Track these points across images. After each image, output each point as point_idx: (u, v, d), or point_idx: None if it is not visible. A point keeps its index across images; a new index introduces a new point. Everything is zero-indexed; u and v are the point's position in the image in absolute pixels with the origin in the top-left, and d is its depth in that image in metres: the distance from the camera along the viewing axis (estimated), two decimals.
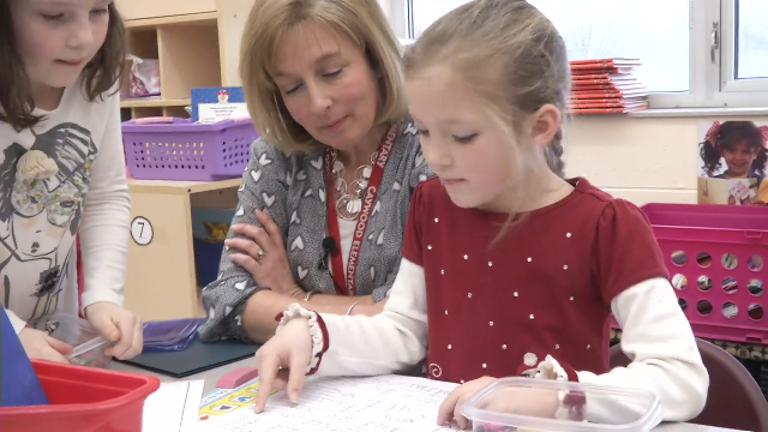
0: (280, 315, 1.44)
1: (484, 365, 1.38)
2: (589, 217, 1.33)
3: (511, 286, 1.37)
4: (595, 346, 1.37)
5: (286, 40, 1.58)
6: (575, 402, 1.11)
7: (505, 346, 1.37)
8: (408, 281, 1.51)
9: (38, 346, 1.49)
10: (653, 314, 1.27)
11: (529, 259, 1.35)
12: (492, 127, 1.28)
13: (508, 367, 1.32)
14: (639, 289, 1.29)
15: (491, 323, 1.38)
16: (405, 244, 1.53)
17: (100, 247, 1.80)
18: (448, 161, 1.32)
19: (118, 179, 1.88)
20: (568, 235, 1.34)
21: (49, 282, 1.77)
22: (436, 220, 1.47)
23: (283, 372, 1.37)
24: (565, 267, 1.34)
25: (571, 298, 1.34)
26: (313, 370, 1.41)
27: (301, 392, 1.39)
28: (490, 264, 1.39)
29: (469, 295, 1.41)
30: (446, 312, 1.44)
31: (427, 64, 1.29)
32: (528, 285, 1.36)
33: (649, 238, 1.32)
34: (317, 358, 1.40)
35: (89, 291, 1.73)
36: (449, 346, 1.44)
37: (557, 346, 1.34)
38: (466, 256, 1.42)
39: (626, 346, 1.30)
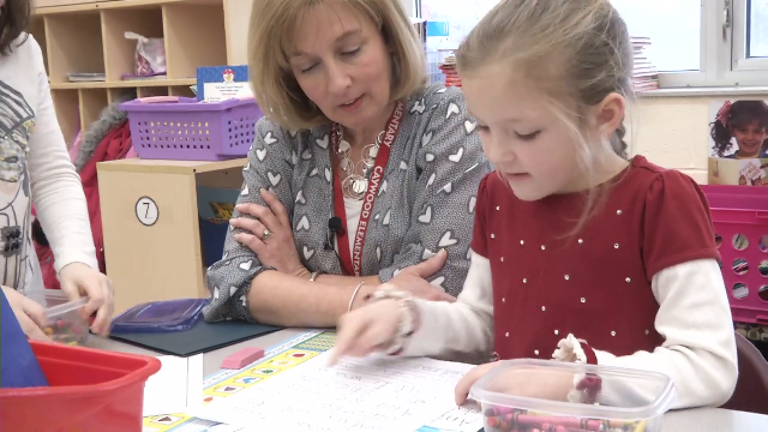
0: (369, 297, 1.44)
1: (537, 351, 1.34)
2: (639, 191, 1.28)
3: (563, 270, 1.32)
4: (654, 330, 1.28)
5: (307, 20, 1.55)
6: (590, 388, 1.09)
7: (556, 332, 1.32)
8: (475, 273, 1.50)
9: (18, 297, 1.56)
10: (692, 300, 1.22)
11: (581, 241, 1.30)
12: (556, 123, 1.23)
13: None
14: (681, 270, 1.23)
15: (543, 308, 1.35)
16: (473, 236, 1.52)
17: (62, 218, 1.89)
18: (511, 158, 1.27)
19: (61, 155, 1.98)
20: (618, 212, 1.29)
21: (12, 241, 1.83)
22: (498, 208, 1.44)
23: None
24: (616, 246, 1.28)
25: (628, 280, 1.28)
26: (398, 351, 1.40)
27: (305, 374, 1.38)
28: (543, 248, 1.35)
29: (524, 280, 1.38)
30: (503, 300, 1.42)
31: (485, 63, 1.23)
32: (579, 267, 1.31)
33: (699, 215, 1.26)
34: (404, 339, 1.39)
35: (60, 257, 1.79)
36: (507, 334, 1.41)
37: (613, 333, 1.29)
38: (522, 242, 1.38)
39: (659, 327, 1.26)
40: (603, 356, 1.17)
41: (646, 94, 3.32)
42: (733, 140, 3.16)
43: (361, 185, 1.74)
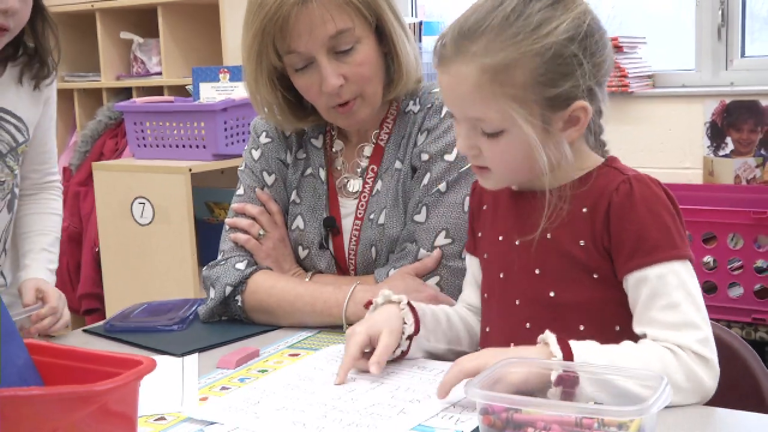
0: (369, 303, 1.45)
1: (511, 345, 1.33)
2: (605, 191, 1.29)
3: (534, 264, 1.34)
4: (625, 327, 1.29)
5: (301, 18, 1.55)
6: (567, 383, 1.10)
7: (528, 325, 1.34)
8: (470, 273, 1.52)
9: None
10: (666, 301, 1.23)
11: (549, 236, 1.32)
12: (517, 127, 1.25)
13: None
14: (651, 272, 1.24)
15: (517, 302, 1.37)
16: (467, 236, 1.54)
17: (36, 232, 1.96)
18: (476, 152, 1.31)
19: (51, 171, 2.04)
20: (584, 210, 1.30)
21: None
22: (484, 207, 1.47)
23: (367, 354, 1.37)
24: (582, 243, 1.30)
25: (595, 276, 1.30)
26: (404, 353, 1.41)
27: (301, 375, 1.38)
28: (517, 242, 1.37)
29: (501, 275, 1.40)
30: (485, 295, 1.45)
31: (455, 62, 1.26)
32: (548, 262, 1.33)
33: (669, 218, 1.27)
34: (408, 341, 1.40)
35: (25, 270, 1.88)
36: (487, 329, 1.43)
37: (581, 327, 1.30)
38: (501, 237, 1.41)
39: (638, 329, 1.26)
40: (587, 345, 1.19)
41: (641, 94, 3.33)
42: (728, 140, 3.16)
43: (355, 184, 1.74)
